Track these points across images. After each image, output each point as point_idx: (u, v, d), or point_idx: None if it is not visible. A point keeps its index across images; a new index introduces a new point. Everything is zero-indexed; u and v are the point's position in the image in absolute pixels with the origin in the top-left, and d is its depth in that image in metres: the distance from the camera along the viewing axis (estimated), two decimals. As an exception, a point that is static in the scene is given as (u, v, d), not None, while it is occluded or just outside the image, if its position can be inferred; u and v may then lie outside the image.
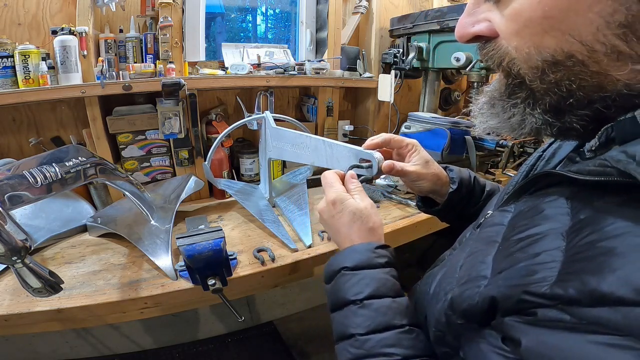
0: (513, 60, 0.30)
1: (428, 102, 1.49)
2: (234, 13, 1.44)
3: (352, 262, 0.46)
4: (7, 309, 0.65)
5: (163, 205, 0.94)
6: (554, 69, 0.28)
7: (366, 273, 0.45)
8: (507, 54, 0.31)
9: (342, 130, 1.45)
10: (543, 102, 0.30)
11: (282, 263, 0.81)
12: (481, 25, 0.32)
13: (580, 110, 0.29)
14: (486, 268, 0.32)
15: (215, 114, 1.21)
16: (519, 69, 0.30)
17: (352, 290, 0.44)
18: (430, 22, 1.26)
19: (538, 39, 0.28)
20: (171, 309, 0.74)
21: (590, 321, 0.22)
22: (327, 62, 1.33)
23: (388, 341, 0.40)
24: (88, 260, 0.82)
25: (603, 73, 0.26)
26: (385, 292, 0.43)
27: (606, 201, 0.26)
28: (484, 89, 0.37)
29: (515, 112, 0.32)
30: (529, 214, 0.33)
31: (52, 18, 0.99)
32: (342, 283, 0.45)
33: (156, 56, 1.06)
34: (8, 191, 0.54)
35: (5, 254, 0.47)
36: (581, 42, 0.26)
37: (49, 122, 1.07)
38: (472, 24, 0.33)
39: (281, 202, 1.08)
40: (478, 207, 0.62)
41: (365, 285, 0.43)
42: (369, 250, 0.47)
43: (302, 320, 1.54)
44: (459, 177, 0.61)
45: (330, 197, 0.53)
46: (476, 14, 0.32)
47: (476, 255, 0.35)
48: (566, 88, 0.28)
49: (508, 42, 0.30)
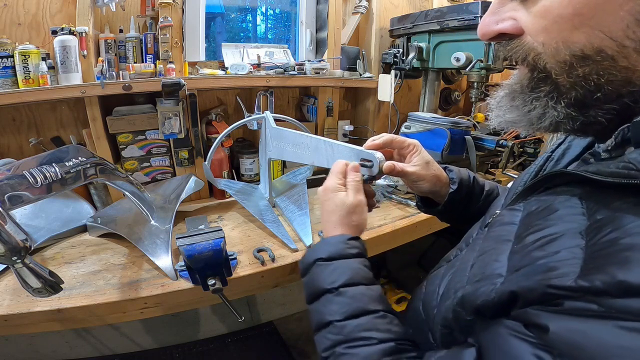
0: (539, 55, 0.31)
1: (428, 102, 1.49)
2: (234, 13, 1.44)
3: (325, 253, 0.48)
4: (7, 309, 0.65)
5: (163, 205, 0.94)
6: (582, 63, 0.28)
7: (339, 263, 0.47)
8: (533, 50, 0.31)
9: (342, 130, 1.45)
10: (568, 96, 0.31)
11: (282, 263, 0.81)
12: (506, 24, 0.33)
13: (607, 104, 0.29)
14: (501, 266, 0.32)
15: (215, 114, 1.21)
16: (545, 64, 0.31)
17: (327, 280, 0.46)
18: (430, 22, 1.26)
19: (567, 34, 0.28)
20: (171, 309, 0.74)
21: (619, 310, 0.23)
22: (327, 62, 1.33)
23: (365, 326, 0.41)
24: (88, 260, 0.82)
25: (632, 68, 0.27)
26: (359, 280, 0.45)
27: (624, 202, 0.27)
28: (504, 83, 0.37)
29: (537, 106, 0.33)
30: (542, 214, 0.33)
31: (52, 18, 0.99)
32: (318, 273, 0.48)
33: (156, 56, 1.06)
34: (8, 191, 0.54)
35: (5, 254, 0.47)
36: (611, 38, 0.27)
37: (49, 122, 1.07)
38: (496, 22, 0.33)
39: (281, 202, 1.08)
40: (478, 207, 0.62)
41: (339, 274, 0.46)
42: (341, 242, 0.49)
43: (302, 320, 1.54)
44: (459, 177, 0.61)
45: (326, 183, 0.56)
46: (500, 12, 0.33)
47: (489, 254, 0.35)
48: (594, 82, 0.29)
49: (535, 37, 0.31)
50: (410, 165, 0.59)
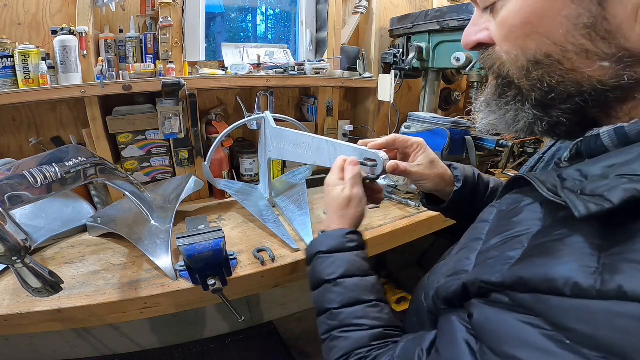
0: (503, 64, 0.34)
1: (428, 102, 1.49)
2: (234, 13, 1.44)
3: (326, 246, 0.53)
4: (7, 309, 0.65)
5: (163, 205, 0.94)
6: (536, 67, 0.31)
7: (338, 256, 0.52)
8: (499, 59, 0.35)
9: (342, 130, 1.45)
10: (530, 98, 0.34)
11: (282, 263, 0.81)
12: (482, 34, 0.36)
13: (562, 104, 0.32)
14: (470, 264, 0.35)
15: (215, 114, 1.21)
16: (507, 71, 0.34)
17: (326, 271, 0.51)
18: (430, 22, 1.26)
19: (522, 42, 0.31)
20: (171, 309, 0.74)
21: (518, 303, 0.27)
22: (327, 62, 1.33)
23: (357, 314, 0.47)
24: (88, 260, 0.82)
25: (576, 70, 0.30)
26: (355, 272, 0.50)
27: (565, 213, 0.29)
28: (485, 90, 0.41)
29: (509, 109, 0.36)
30: (509, 214, 0.35)
31: (52, 18, 0.99)
32: (318, 265, 0.52)
33: (156, 56, 1.06)
34: (8, 191, 0.54)
35: (5, 254, 0.47)
36: (555, 43, 0.29)
37: (49, 122, 1.07)
38: (475, 32, 0.37)
39: (281, 202, 1.08)
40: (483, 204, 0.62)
41: (337, 267, 0.51)
42: (340, 236, 0.54)
43: (302, 320, 1.54)
44: (464, 175, 0.62)
45: (326, 179, 0.60)
46: (479, 24, 0.37)
47: (464, 251, 0.38)
48: (547, 84, 0.31)
49: (500, 47, 0.34)
50: (413, 165, 0.60)
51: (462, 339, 0.31)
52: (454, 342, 0.31)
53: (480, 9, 0.36)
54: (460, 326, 0.32)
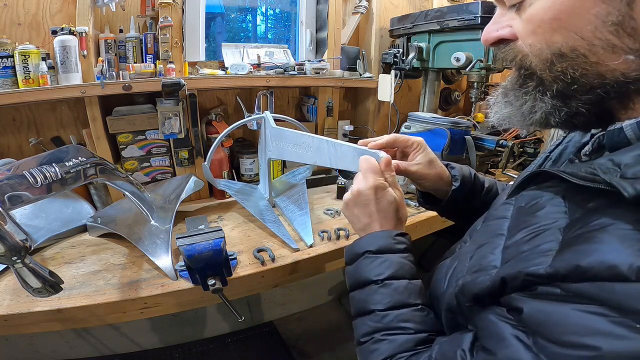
0: (525, 56, 0.36)
1: (428, 102, 1.49)
2: (234, 13, 1.44)
3: (375, 246, 0.51)
4: (7, 309, 0.65)
5: (163, 205, 0.94)
6: (561, 60, 0.33)
7: (387, 257, 0.50)
8: (520, 52, 0.36)
9: (342, 130, 1.45)
10: (551, 89, 0.35)
11: (282, 263, 0.81)
12: (504, 30, 0.38)
13: (583, 95, 0.34)
14: (496, 259, 0.36)
15: (215, 114, 1.21)
16: (530, 63, 0.35)
17: (374, 272, 0.49)
18: (430, 22, 1.25)
19: (549, 36, 0.33)
20: (171, 309, 0.74)
21: (575, 293, 0.27)
22: (327, 62, 1.33)
23: (403, 317, 0.45)
24: (88, 260, 0.82)
25: (601, 63, 0.31)
26: (403, 274, 0.49)
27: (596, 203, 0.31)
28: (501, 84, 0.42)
29: (527, 99, 0.37)
30: (530, 210, 0.37)
31: (52, 18, 0.99)
32: (365, 265, 0.50)
33: (156, 56, 1.06)
34: (8, 191, 0.54)
35: (5, 254, 0.47)
36: (582, 38, 0.31)
37: (49, 122, 1.07)
38: (496, 29, 0.38)
39: (281, 202, 1.08)
40: (479, 203, 0.64)
41: (386, 268, 0.49)
42: (389, 237, 0.52)
43: (302, 320, 1.54)
44: (461, 174, 0.63)
45: (372, 182, 0.54)
46: (501, 22, 0.38)
47: (485, 247, 0.39)
48: (570, 75, 0.33)
49: (524, 40, 0.36)
50: (412, 164, 0.61)
51: (511, 335, 0.31)
52: (504, 340, 0.31)
53: (505, 7, 0.38)
54: (504, 324, 0.32)
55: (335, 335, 1.44)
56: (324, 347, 1.40)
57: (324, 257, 0.87)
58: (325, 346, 1.40)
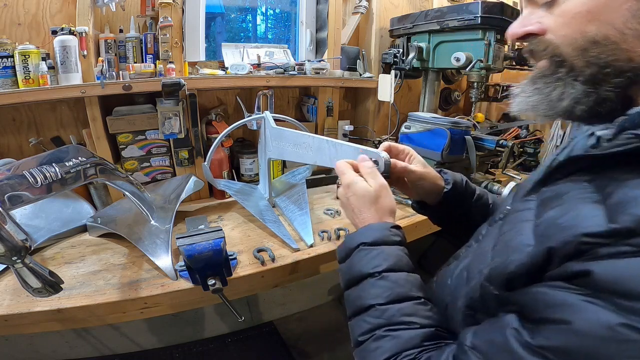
0: (557, 47, 0.38)
1: (428, 102, 1.49)
2: (234, 13, 1.44)
3: (370, 238, 0.49)
4: (7, 309, 0.65)
5: (163, 205, 0.94)
6: (594, 46, 0.36)
7: (383, 248, 0.48)
8: (550, 43, 0.39)
9: (342, 130, 1.45)
10: (584, 73, 0.37)
11: (282, 263, 0.81)
12: (533, 26, 0.40)
13: (614, 78, 0.36)
14: (527, 238, 0.36)
15: (215, 114, 1.21)
16: (561, 51, 0.38)
17: (370, 264, 0.47)
18: (430, 22, 1.25)
19: (583, 27, 0.36)
20: (171, 309, 0.74)
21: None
22: (327, 62, 1.33)
23: (407, 310, 0.43)
24: (88, 260, 0.82)
25: (631, 50, 0.35)
26: (402, 266, 0.47)
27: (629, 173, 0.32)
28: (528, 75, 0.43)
29: (558, 85, 0.39)
30: (555, 197, 0.37)
31: (52, 18, 0.99)
32: (360, 258, 0.48)
33: (156, 56, 1.06)
34: (8, 191, 0.54)
35: (5, 254, 0.47)
36: (614, 28, 0.35)
37: (49, 122, 1.07)
38: (524, 25, 0.41)
39: (281, 202, 1.08)
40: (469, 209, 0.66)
41: (383, 259, 0.47)
42: (385, 228, 0.50)
43: (302, 320, 1.54)
44: (453, 178, 0.65)
45: (344, 181, 0.57)
46: (529, 19, 0.41)
47: (509, 233, 0.39)
48: (603, 60, 0.36)
49: (556, 33, 0.38)
50: (411, 165, 0.63)
51: (580, 301, 0.29)
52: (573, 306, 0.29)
53: (537, 5, 0.40)
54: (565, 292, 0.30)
55: (335, 335, 1.44)
56: (324, 347, 1.40)
57: (324, 257, 0.87)
58: (325, 346, 1.40)
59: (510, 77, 1.96)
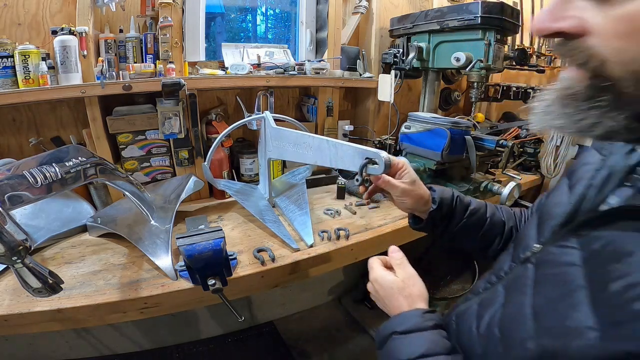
0: (604, 62, 0.29)
1: (428, 102, 1.49)
2: (234, 13, 1.44)
3: (402, 327, 0.48)
4: (7, 309, 0.65)
5: (163, 205, 0.94)
6: None
7: (417, 335, 0.46)
8: (596, 55, 0.29)
9: (342, 130, 1.45)
10: (630, 109, 0.29)
11: (282, 263, 0.81)
12: (567, 22, 0.30)
13: None
14: (586, 318, 0.30)
15: (215, 114, 1.21)
16: (611, 71, 0.29)
17: (405, 352, 0.45)
18: (430, 22, 1.25)
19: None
20: (171, 309, 0.74)
21: None
22: (327, 62, 1.33)
23: None
24: (88, 260, 0.82)
25: None
26: (438, 350, 0.44)
27: None
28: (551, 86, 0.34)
29: (592, 114, 0.30)
30: (614, 256, 0.31)
31: (52, 18, 0.99)
32: (394, 347, 0.47)
33: (156, 56, 1.06)
34: (8, 191, 0.54)
35: (5, 254, 0.47)
36: None
37: (49, 122, 1.07)
38: (555, 19, 0.31)
39: (281, 202, 1.08)
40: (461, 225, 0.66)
41: (418, 346, 0.45)
42: (417, 315, 0.49)
43: (302, 320, 1.54)
44: (440, 197, 0.65)
45: (371, 276, 0.57)
46: (563, 10, 0.30)
47: (558, 302, 0.34)
48: None
49: (607, 42, 0.28)
50: (398, 182, 0.63)
51: None
52: None
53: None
54: None
55: (335, 335, 1.44)
56: (323, 347, 1.40)
57: (324, 257, 0.87)
58: (325, 346, 1.40)
59: (510, 77, 1.96)
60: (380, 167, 0.60)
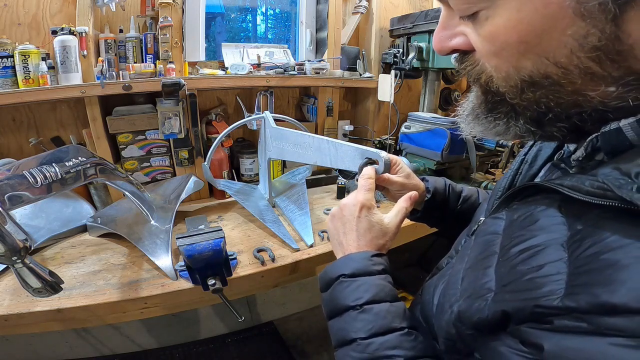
0: (491, 78, 0.31)
1: (428, 102, 1.49)
2: (234, 13, 1.44)
3: (349, 269, 0.47)
4: (7, 309, 0.65)
5: (163, 205, 0.94)
6: (532, 88, 0.29)
7: (364, 280, 0.46)
8: (484, 72, 0.32)
9: (342, 130, 1.45)
10: (524, 115, 0.32)
11: (282, 263, 0.82)
12: (457, 40, 0.33)
13: (559, 123, 0.31)
14: (489, 280, 0.33)
15: (215, 114, 1.21)
16: (497, 87, 0.31)
17: (351, 296, 0.45)
18: (430, 22, 1.25)
19: (515, 60, 0.29)
20: (171, 309, 0.74)
21: (608, 327, 0.23)
22: (327, 62, 1.33)
23: (390, 343, 0.41)
24: (88, 260, 0.82)
25: (577, 92, 0.28)
26: (384, 297, 0.45)
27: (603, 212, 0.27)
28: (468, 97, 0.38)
29: (500, 123, 0.34)
30: (523, 224, 0.33)
31: (52, 18, 0.99)
32: (341, 290, 0.46)
33: (156, 56, 1.06)
34: (8, 191, 0.54)
35: (5, 254, 0.47)
36: (556, 64, 0.27)
37: (49, 122, 1.07)
38: (449, 37, 0.33)
39: (281, 202, 1.08)
40: (456, 212, 0.67)
41: (364, 291, 0.45)
42: (365, 258, 0.48)
43: (302, 320, 1.54)
44: (434, 186, 0.67)
45: (360, 199, 0.53)
46: (451, 27, 0.33)
47: (476, 267, 0.36)
48: (545, 105, 0.29)
49: (486, 60, 0.31)
50: (396, 177, 0.65)
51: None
52: None
53: (452, 10, 0.32)
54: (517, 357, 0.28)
55: (335, 335, 1.44)
56: (323, 347, 1.40)
57: (324, 257, 0.87)
58: (325, 346, 1.40)
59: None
60: (381, 167, 0.60)
